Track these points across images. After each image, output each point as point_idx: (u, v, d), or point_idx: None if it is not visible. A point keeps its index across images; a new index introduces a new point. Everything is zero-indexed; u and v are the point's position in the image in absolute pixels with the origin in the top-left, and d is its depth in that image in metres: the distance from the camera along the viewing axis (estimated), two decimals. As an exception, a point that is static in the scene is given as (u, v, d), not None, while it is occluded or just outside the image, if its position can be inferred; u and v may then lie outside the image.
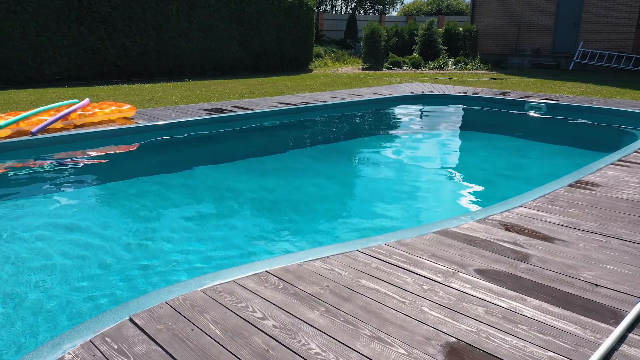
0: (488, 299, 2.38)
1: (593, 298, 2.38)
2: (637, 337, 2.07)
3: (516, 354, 1.96)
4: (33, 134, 6.09)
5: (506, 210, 3.53)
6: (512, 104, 9.27)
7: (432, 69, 19.19)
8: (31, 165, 5.66)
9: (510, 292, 2.43)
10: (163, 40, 16.02)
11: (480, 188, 5.32)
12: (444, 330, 2.13)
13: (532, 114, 8.76)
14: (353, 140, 7.60)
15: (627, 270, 2.65)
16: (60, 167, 5.65)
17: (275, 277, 2.59)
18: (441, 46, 20.69)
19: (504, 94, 10.29)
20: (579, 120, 8.30)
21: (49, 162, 5.80)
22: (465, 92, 10.49)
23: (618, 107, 8.29)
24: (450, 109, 9.78)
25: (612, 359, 1.93)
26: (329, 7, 39.59)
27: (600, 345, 1.99)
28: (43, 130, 6.23)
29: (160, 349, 2.00)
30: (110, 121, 7.07)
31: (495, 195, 4.94)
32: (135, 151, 6.49)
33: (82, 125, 6.78)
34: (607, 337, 2.04)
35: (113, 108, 7.16)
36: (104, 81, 14.72)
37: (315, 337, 2.08)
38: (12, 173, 5.39)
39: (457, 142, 7.58)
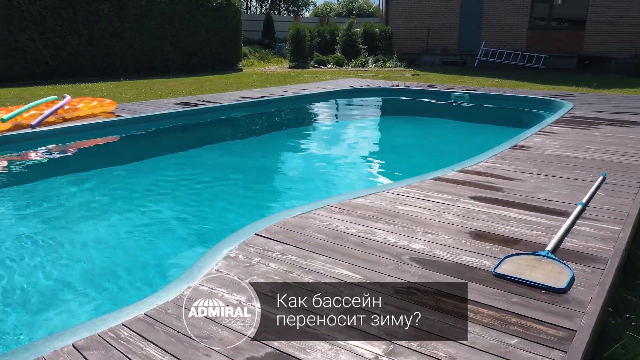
0: (485, 210, 3.58)
1: (549, 206, 3.65)
2: (580, 221, 3.35)
3: (515, 233, 3.16)
4: (33, 126, 6.56)
5: (473, 164, 4.80)
6: (440, 94, 10.81)
7: (355, 67, 20.68)
8: (46, 153, 6.19)
9: (498, 206, 3.65)
10: (95, 40, 16.09)
11: (435, 153, 6.71)
12: (466, 226, 3.29)
13: (457, 102, 10.33)
14: (324, 123, 8.97)
15: (565, 192, 3.97)
16: (74, 153, 6.26)
17: (337, 208, 3.63)
18: (360, 46, 22.26)
19: (430, 86, 11.85)
20: (496, 106, 10.01)
21: (60, 149, 6.38)
22: (398, 85, 11.93)
23: (525, 95, 10.07)
24: (390, 98, 11.19)
25: (570, 233, 3.17)
26: (243, 7, 40.18)
27: (560, 227, 3.24)
28: (41, 123, 6.70)
29: (290, 246, 2.98)
30: (94, 115, 7.61)
31: (446, 159, 6.28)
32: (141, 136, 7.29)
33: (71, 119, 7.27)
34: (564, 222, 3.29)
35: (95, 103, 7.70)
36: (37, 81, 14.54)
37: (388, 235, 3.16)
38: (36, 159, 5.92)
39: (404, 124, 9.03)
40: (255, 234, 3.16)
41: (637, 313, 2.78)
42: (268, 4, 40.89)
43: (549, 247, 2.89)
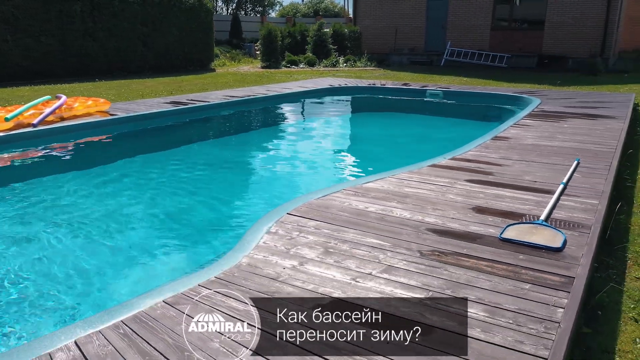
0: (481, 190, 4.09)
1: (536, 186, 4.19)
2: (563, 197, 3.89)
3: (510, 207, 3.67)
4: (34, 125, 6.74)
5: (462, 153, 5.33)
6: (415, 92, 11.39)
7: (326, 66, 21.16)
8: (54, 149, 6.43)
9: (491, 187, 4.17)
10: (68, 40, 16.03)
11: (417, 145, 7.26)
12: (469, 202, 3.78)
13: (434, 99, 10.94)
14: (310, 119, 9.69)
15: (548, 174, 4.53)
16: (79, 148, 6.53)
17: (352, 191, 4.07)
18: (331, 46, 22.76)
19: (405, 84, 12.43)
20: (470, 103, 10.68)
21: (65, 145, 6.67)
22: (375, 84, 12.46)
23: (496, 92, 10.77)
24: (369, 97, 11.71)
25: (556, 207, 3.70)
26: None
27: (548, 202, 3.76)
28: (42, 121, 6.88)
29: (321, 222, 3.40)
30: (89, 114, 7.81)
31: (431, 149, 6.83)
32: (146, 131, 7.76)
33: (69, 118, 7.47)
34: (551, 198, 3.83)
35: (90, 102, 7.90)
36: (9, 83, 14.39)
37: (403, 212, 3.62)
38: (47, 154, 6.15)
39: (386, 119, 9.57)
40: (287, 214, 3.56)
41: (615, 270, 3.33)
42: (234, 4, 40.96)
43: (542, 217, 3.41)
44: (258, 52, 28.80)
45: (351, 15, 28.60)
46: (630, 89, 12.62)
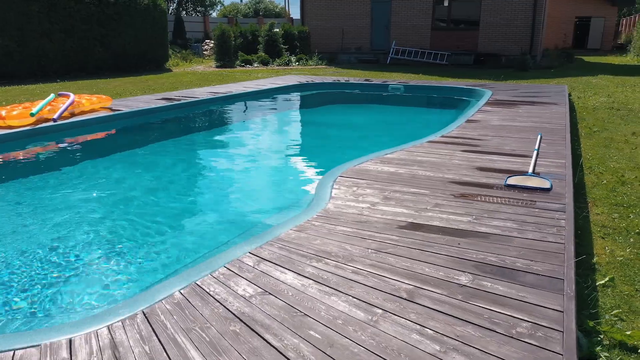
0: (477, 157, 5.23)
1: (516, 153, 5.39)
2: (539, 159, 5.10)
3: (504, 167, 4.83)
4: (55, 120, 7.28)
5: (448, 132, 6.49)
6: (378, 86, 12.57)
7: (280, 65, 22.05)
8: (77, 141, 7.02)
9: (483, 155, 5.33)
10: (26, 41, 16.01)
11: (393, 131, 8.48)
12: (471, 164, 4.91)
13: (396, 92, 12.17)
14: (299, 109, 11.09)
15: (521, 145, 5.76)
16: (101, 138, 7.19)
17: (378, 160, 5.09)
18: (282, 45, 23.66)
19: (367, 80, 13.61)
20: (430, 94, 12.02)
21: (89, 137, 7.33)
22: (339, 80, 13.55)
23: (452, 85, 12.16)
24: (338, 91, 12.80)
25: (537, 165, 4.90)
26: (149, 7, 39.79)
27: (530, 162, 4.95)
28: (60, 116, 7.42)
29: (369, 181, 4.40)
30: (94, 110, 8.36)
31: (408, 134, 8.00)
32: (155, 124, 8.53)
33: (79, 114, 8.01)
34: (531, 159, 5.02)
35: (94, 99, 8.45)
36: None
37: (426, 172, 4.68)
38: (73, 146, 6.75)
39: (361, 110, 10.76)
40: (340, 176, 4.54)
41: (583, 206, 4.56)
42: (175, 4, 40.84)
43: (530, 171, 4.59)
44: (205, 52, 29.25)
45: (292, 16, 29.63)
46: (559, 82, 14.46)
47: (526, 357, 2.02)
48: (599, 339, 2.57)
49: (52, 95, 8.02)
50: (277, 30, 24.16)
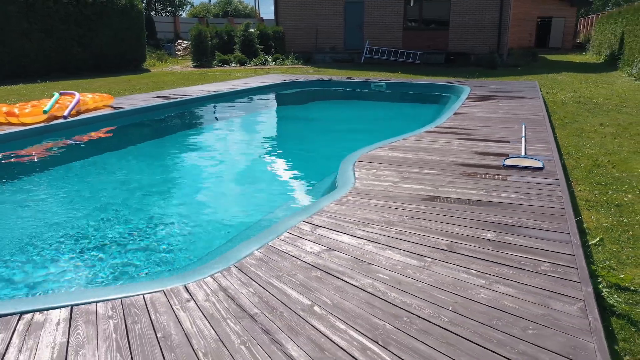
0: (473, 143, 5.85)
1: (506, 140, 6.03)
2: (528, 144, 5.75)
3: (499, 150, 5.45)
4: (65, 117, 7.57)
5: (441, 123, 7.11)
6: (360, 84, 13.18)
7: (257, 65, 22.42)
8: (90, 137, 7.36)
9: (478, 142, 5.95)
10: (5, 42, 15.96)
11: (380, 125, 9.11)
12: (470, 150, 5.52)
13: (378, 90, 12.79)
14: (291, 105, 11.80)
15: (510, 133, 6.41)
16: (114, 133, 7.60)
17: (387, 148, 5.65)
18: (258, 45, 24.03)
19: (349, 78, 14.19)
20: (410, 91, 12.69)
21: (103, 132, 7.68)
22: (322, 78, 14.08)
23: (431, 82, 12.86)
24: (323, 88, 13.34)
25: (527, 149, 5.54)
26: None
27: (521, 147, 5.59)
28: (70, 114, 7.71)
29: (384, 164, 4.95)
30: (97, 108, 8.66)
31: (395, 128, 8.61)
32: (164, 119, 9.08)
33: (85, 111, 8.29)
34: (521, 144, 5.66)
35: (97, 97, 8.74)
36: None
37: (432, 156, 5.26)
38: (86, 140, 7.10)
39: (349, 105, 11.38)
40: (357, 161, 5.08)
41: (569, 184, 5.23)
42: (144, 4, 40.53)
43: (523, 153, 5.23)
44: (179, 53, 29.33)
45: (262, 16, 29.99)
46: (527, 78, 15.37)
47: (553, 285, 2.59)
48: (599, 280, 3.18)
49: (57, 94, 8.28)
50: (253, 30, 24.50)
